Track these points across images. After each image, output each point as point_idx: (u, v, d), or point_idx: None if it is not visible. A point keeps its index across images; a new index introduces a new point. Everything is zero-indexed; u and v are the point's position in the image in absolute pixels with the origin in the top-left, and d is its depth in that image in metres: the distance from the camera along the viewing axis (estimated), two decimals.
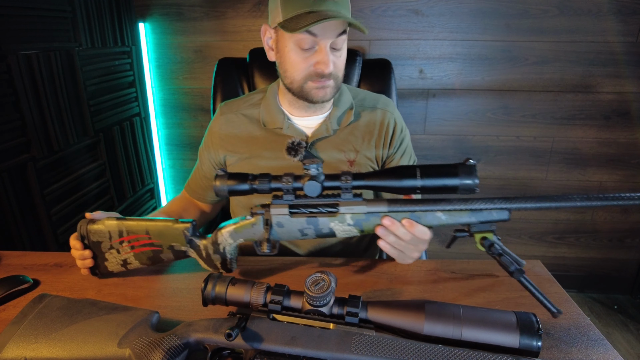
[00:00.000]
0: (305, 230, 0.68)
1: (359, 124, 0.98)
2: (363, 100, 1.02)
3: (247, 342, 0.52)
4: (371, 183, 0.64)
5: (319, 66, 0.84)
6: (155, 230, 0.74)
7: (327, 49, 0.83)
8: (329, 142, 0.96)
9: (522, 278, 0.62)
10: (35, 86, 1.29)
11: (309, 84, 0.87)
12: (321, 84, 0.86)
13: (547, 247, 2.08)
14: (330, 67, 0.84)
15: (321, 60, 0.83)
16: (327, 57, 0.83)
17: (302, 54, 0.85)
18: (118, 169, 1.77)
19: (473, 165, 0.60)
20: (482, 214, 0.62)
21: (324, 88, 0.87)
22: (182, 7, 1.82)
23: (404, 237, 0.67)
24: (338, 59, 0.87)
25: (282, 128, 0.95)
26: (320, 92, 0.88)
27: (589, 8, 1.68)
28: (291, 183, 0.64)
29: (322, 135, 0.95)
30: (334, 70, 0.86)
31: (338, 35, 0.83)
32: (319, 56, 0.84)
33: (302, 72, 0.86)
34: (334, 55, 0.86)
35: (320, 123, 0.97)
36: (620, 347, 1.77)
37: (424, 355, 0.49)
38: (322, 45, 0.83)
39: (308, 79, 0.87)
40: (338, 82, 0.89)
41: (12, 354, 0.55)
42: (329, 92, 0.88)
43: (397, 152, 1.00)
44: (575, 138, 1.88)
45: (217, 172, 0.67)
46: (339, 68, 0.88)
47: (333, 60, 0.85)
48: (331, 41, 0.83)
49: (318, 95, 0.88)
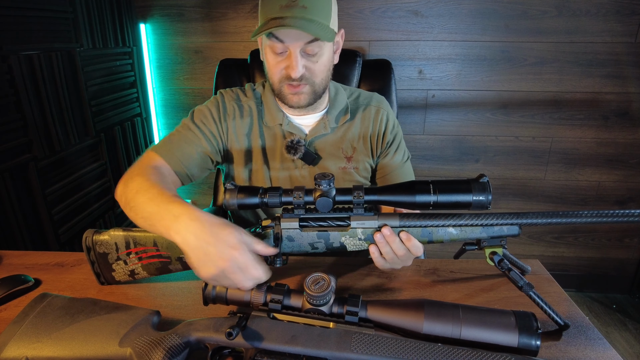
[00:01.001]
0: (315, 244, 0.67)
1: (354, 121, 1.01)
2: (357, 98, 1.04)
3: (248, 341, 0.53)
4: (384, 198, 0.63)
5: (287, 70, 0.86)
6: (163, 242, 0.73)
7: (295, 54, 0.84)
8: (327, 139, 0.99)
9: (531, 292, 0.62)
10: (36, 86, 1.30)
11: (284, 88, 0.89)
12: (294, 89, 0.88)
13: (546, 246, 2.09)
14: (297, 72, 0.84)
15: (289, 64, 0.85)
16: (294, 62, 0.84)
17: (275, 58, 0.87)
18: (119, 169, 1.77)
19: (486, 181, 0.60)
20: (492, 230, 0.62)
21: (298, 94, 0.89)
22: (183, 8, 1.82)
23: (398, 251, 0.66)
24: (314, 65, 0.87)
25: (282, 124, 0.97)
26: (295, 97, 0.89)
27: (588, 9, 1.68)
28: (302, 198, 0.64)
29: (320, 133, 0.97)
30: (308, 74, 0.87)
31: (309, 42, 0.83)
32: (288, 60, 0.85)
33: (276, 76, 0.88)
34: (309, 60, 0.86)
35: (318, 121, 0.98)
36: (619, 347, 1.77)
37: (423, 354, 0.49)
38: (291, 50, 0.84)
39: (282, 82, 0.88)
40: (316, 87, 0.89)
41: (13, 353, 0.55)
42: (303, 98, 0.89)
43: (390, 146, 1.03)
44: (574, 138, 1.89)
45: (227, 185, 0.66)
46: (315, 73, 0.88)
47: (306, 65, 0.86)
48: (300, 47, 0.83)
49: (292, 100, 0.90)
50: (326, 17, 0.83)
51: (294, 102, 0.90)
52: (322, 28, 0.81)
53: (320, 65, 0.88)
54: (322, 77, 0.90)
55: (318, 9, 0.82)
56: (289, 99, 0.90)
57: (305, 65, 0.86)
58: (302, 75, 0.86)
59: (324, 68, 0.89)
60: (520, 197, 2.01)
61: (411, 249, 0.66)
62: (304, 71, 0.86)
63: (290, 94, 0.89)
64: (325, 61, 0.89)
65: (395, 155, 1.03)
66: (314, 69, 0.87)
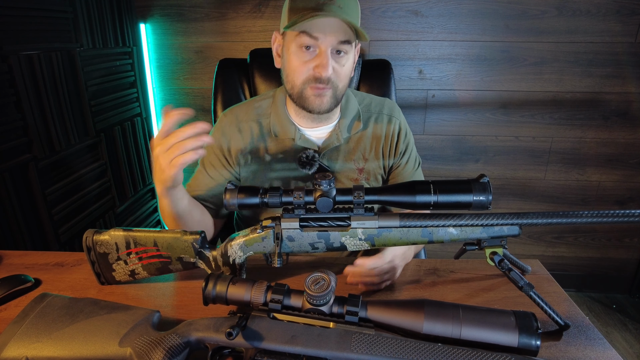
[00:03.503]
0: (316, 244, 0.67)
1: (366, 131, 0.99)
2: (369, 105, 1.02)
3: (248, 340, 0.53)
4: (384, 198, 0.63)
5: (317, 69, 0.84)
6: (163, 242, 0.73)
7: (327, 52, 0.83)
8: (339, 151, 0.97)
9: (531, 293, 0.62)
10: (36, 86, 1.30)
11: (307, 90, 0.87)
12: (319, 90, 0.86)
13: (545, 246, 2.09)
14: (328, 71, 0.83)
15: (320, 63, 0.83)
16: (325, 60, 0.83)
17: (303, 57, 0.85)
18: (119, 169, 1.77)
19: (487, 182, 0.60)
20: (493, 230, 0.62)
21: (321, 96, 0.87)
22: (183, 8, 1.82)
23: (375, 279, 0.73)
24: (341, 67, 0.86)
25: (295, 139, 0.95)
26: (317, 100, 0.87)
27: (588, 9, 1.68)
28: (302, 198, 0.64)
29: (333, 145, 0.96)
30: (334, 76, 0.85)
31: (341, 43, 0.83)
32: (318, 59, 0.84)
33: (302, 76, 0.86)
34: (337, 62, 0.85)
35: (330, 132, 0.97)
36: (619, 347, 1.77)
37: (423, 354, 0.49)
38: (322, 48, 0.83)
39: (307, 83, 0.86)
40: (337, 92, 0.88)
41: (13, 353, 0.55)
42: (325, 101, 0.88)
43: (402, 157, 1.02)
44: (574, 138, 1.89)
45: (227, 185, 0.66)
46: (340, 77, 0.87)
47: (334, 66, 0.85)
48: (332, 46, 0.83)
49: (315, 102, 0.88)
50: (357, 20, 0.85)
51: (316, 104, 0.88)
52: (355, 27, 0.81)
53: (346, 70, 0.87)
54: (344, 83, 0.89)
55: (352, 11, 0.83)
56: (311, 100, 0.88)
57: (334, 67, 0.85)
58: (329, 78, 0.85)
59: (347, 73, 0.88)
60: (520, 197, 2.01)
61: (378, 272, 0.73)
62: (332, 72, 0.85)
63: (313, 96, 0.87)
64: (349, 66, 0.88)
65: (407, 164, 1.02)
66: (340, 72, 0.86)
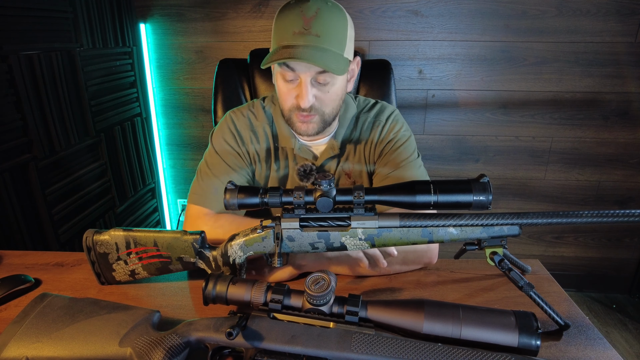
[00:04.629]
0: (316, 244, 0.67)
1: (361, 139, 0.98)
2: (367, 113, 1.00)
3: (248, 340, 0.53)
4: (384, 198, 0.63)
5: (297, 99, 0.84)
6: (163, 242, 0.73)
7: (306, 83, 0.81)
8: (336, 160, 0.98)
9: (531, 293, 0.62)
10: (36, 86, 1.30)
11: (293, 116, 0.87)
12: (304, 118, 0.86)
13: (545, 246, 2.09)
14: (306, 102, 0.82)
15: (299, 94, 0.83)
16: (304, 91, 0.82)
17: (286, 86, 0.85)
18: (119, 169, 1.77)
19: (487, 181, 0.60)
20: (493, 230, 0.62)
21: (307, 123, 0.86)
22: (183, 8, 1.82)
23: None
24: (325, 94, 0.84)
25: (294, 148, 0.96)
26: (303, 125, 0.87)
27: (588, 8, 1.68)
28: (302, 198, 0.64)
29: (329, 156, 0.96)
30: (318, 104, 0.84)
31: (320, 72, 0.81)
32: (298, 89, 0.83)
33: (287, 103, 0.86)
34: (319, 89, 0.84)
35: (327, 143, 0.97)
36: (618, 346, 1.77)
37: (423, 354, 0.49)
38: (302, 78, 0.82)
39: (292, 111, 0.86)
40: (325, 117, 0.87)
41: (13, 353, 0.55)
42: (312, 127, 0.87)
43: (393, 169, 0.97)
44: (574, 138, 1.89)
45: (227, 185, 0.66)
46: (325, 103, 0.85)
47: (316, 95, 0.83)
48: (311, 76, 0.81)
49: (301, 128, 0.88)
50: (340, 46, 0.81)
51: (302, 130, 0.88)
52: (334, 59, 0.78)
53: (332, 95, 0.85)
54: (332, 107, 0.87)
55: (332, 38, 0.79)
56: (298, 126, 0.88)
57: (316, 95, 0.84)
58: (312, 106, 0.84)
59: (335, 97, 0.86)
60: (520, 197, 2.01)
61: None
62: (313, 101, 0.83)
63: (299, 122, 0.87)
64: (337, 90, 0.86)
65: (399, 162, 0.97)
66: (324, 98, 0.85)
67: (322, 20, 0.78)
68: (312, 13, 0.78)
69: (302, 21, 0.78)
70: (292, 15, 0.79)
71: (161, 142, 2.07)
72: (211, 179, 0.92)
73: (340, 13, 0.82)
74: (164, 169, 2.11)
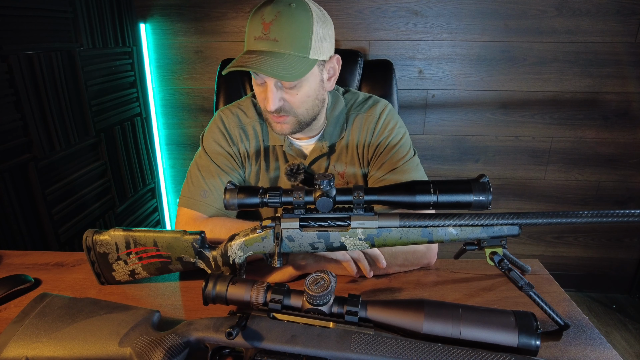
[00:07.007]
0: (315, 244, 0.67)
1: (351, 137, 0.97)
2: (358, 109, 0.98)
3: (248, 340, 0.53)
4: (384, 198, 0.63)
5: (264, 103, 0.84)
6: (163, 242, 0.73)
7: (271, 87, 0.81)
8: (325, 159, 0.97)
9: (531, 292, 0.62)
10: (36, 86, 1.30)
11: (269, 116, 0.87)
12: (277, 119, 0.86)
13: (545, 246, 2.09)
14: (271, 106, 0.81)
15: (265, 97, 0.83)
16: (269, 95, 0.81)
17: (258, 88, 0.85)
18: (119, 169, 1.77)
19: (487, 181, 0.60)
20: (493, 230, 0.62)
21: (282, 124, 0.87)
22: (183, 8, 1.82)
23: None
24: (293, 97, 0.83)
25: (283, 146, 0.96)
26: (278, 126, 0.87)
27: (588, 8, 1.68)
28: (302, 198, 0.64)
29: (318, 155, 0.96)
30: (287, 106, 0.84)
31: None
32: (265, 93, 0.83)
33: (262, 104, 0.87)
34: (287, 93, 0.83)
35: (316, 142, 0.96)
36: (618, 346, 1.77)
37: (423, 354, 0.49)
38: (267, 82, 0.82)
39: (267, 112, 0.86)
40: (299, 117, 0.86)
41: (13, 353, 0.55)
42: (286, 127, 0.87)
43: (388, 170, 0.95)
44: (574, 138, 1.89)
45: (227, 185, 0.66)
46: (295, 105, 0.84)
47: (284, 97, 0.83)
48: (275, 81, 0.81)
49: (277, 128, 0.88)
50: (302, 49, 0.79)
51: (278, 130, 0.88)
52: (291, 64, 0.77)
53: (301, 97, 0.83)
54: (305, 108, 0.86)
55: (292, 41, 0.78)
56: (274, 126, 0.88)
57: (284, 97, 0.83)
58: (281, 108, 0.83)
59: (305, 99, 0.84)
60: (520, 197, 2.01)
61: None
62: (281, 104, 0.83)
63: (273, 123, 0.87)
64: (308, 92, 0.84)
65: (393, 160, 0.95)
66: (293, 101, 0.83)
67: (281, 24, 0.77)
68: (272, 17, 0.77)
69: (262, 26, 0.77)
70: (254, 20, 0.79)
71: (161, 142, 2.07)
72: (201, 182, 0.92)
73: (303, 14, 0.78)
74: (163, 169, 2.11)
